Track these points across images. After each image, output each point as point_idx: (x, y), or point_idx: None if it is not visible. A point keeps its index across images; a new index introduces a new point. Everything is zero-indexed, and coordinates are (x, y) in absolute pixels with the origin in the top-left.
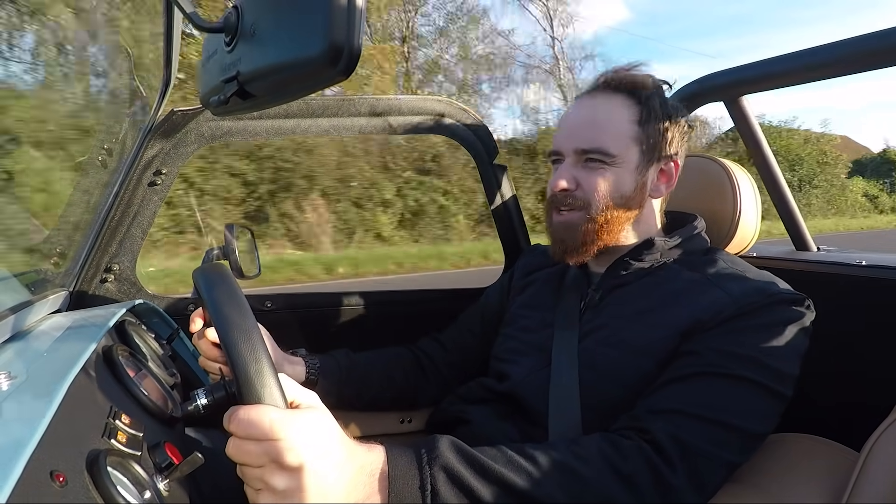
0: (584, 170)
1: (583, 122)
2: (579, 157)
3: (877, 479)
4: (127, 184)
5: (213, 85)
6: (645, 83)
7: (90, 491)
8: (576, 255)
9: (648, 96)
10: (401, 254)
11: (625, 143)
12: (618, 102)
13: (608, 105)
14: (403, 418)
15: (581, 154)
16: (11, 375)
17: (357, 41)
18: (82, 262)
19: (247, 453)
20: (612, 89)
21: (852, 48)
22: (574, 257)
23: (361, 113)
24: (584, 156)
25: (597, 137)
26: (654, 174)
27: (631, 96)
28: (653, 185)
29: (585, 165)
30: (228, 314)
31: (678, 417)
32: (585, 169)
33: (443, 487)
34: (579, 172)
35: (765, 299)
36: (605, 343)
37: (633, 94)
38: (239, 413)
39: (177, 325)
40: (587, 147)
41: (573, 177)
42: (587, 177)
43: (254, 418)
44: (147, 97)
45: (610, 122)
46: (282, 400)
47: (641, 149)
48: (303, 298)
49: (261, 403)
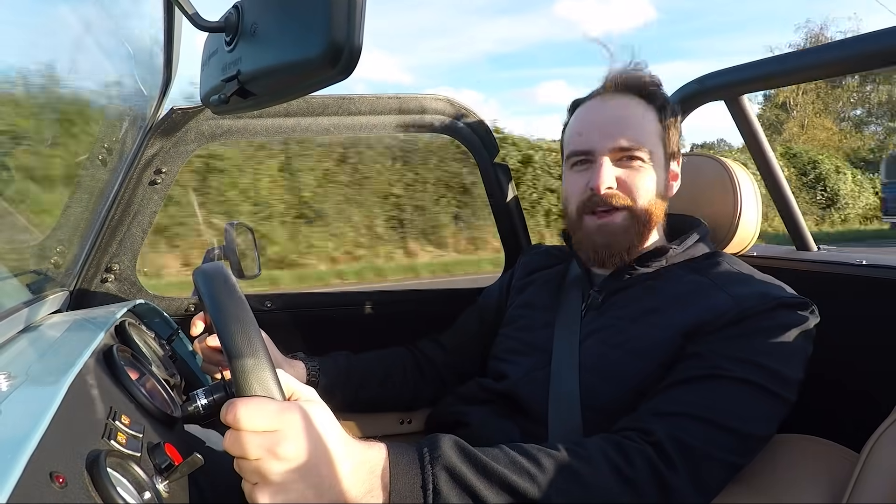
0: (624, 168)
1: (615, 121)
2: (617, 155)
3: (877, 479)
4: (127, 183)
5: (214, 84)
6: (655, 83)
7: (90, 492)
8: (617, 258)
9: (662, 96)
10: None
11: (654, 140)
12: (641, 102)
13: (633, 105)
14: (403, 419)
15: (619, 152)
16: (11, 376)
17: (357, 40)
18: (82, 262)
19: (243, 445)
20: (628, 90)
21: (852, 48)
22: (613, 261)
23: (362, 112)
24: (623, 154)
25: (635, 135)
26: (670, 173)
27: (649, 96)
28: (668, 184)
29: (625, 164)
30: (226, 309)
31: (681, 420)
32: (625, 167)
33: (445, 487)
34: (618, 171)
35: (768, 303)
36: (606, 344)
37: (648, 94)
38: (235, 404)
39: (177, 326)
40: (627, 145)
41: (614, 176)
42: (629, 175)
43: (251, 409)
44: (147, 96)
45: (641, 120)
46: (279, 392)
47: (664, 147)
48: (303, 298)
49: (257, 395)
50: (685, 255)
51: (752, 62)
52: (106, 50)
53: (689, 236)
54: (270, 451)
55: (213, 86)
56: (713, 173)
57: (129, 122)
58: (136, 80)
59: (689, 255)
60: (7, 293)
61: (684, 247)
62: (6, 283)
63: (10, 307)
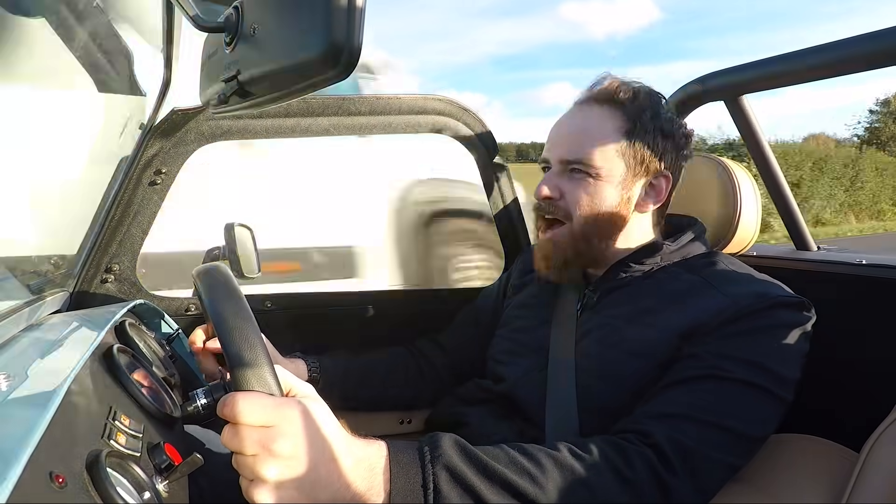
0: (569, 180)
1: (570, 132)
2: (564, 167)
3: (876, 479)
4: (127, 183)
5: (214, 84)
6: (637, 96)
7: (89, 492)
8: (557, 273)
9: (639, 110)
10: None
11: (609, 156)
12: (606, 115)
13: (596, 117)
14: (403, 419)
15: (566, 164)
16: (11, 376)
17: (357, 41)
18: (82, 262)
19: (240, 441)
20: (602, 101)
21: (853, 48)
22: (556, 275)
23: (362, 112)
24: (569, 166)
25: (581, 149)
26: (641, 189)
27: (620, 109)
28: (639, 200)
29: (570, 176)
30: (225, 307)
31: (679, 421)
32: (570, 180)
33: (445, 486)
34: (563, 182)
35: (765, 302)
36: (602, 343)
37: (623, 107)
38: (233, 399)
39: (177, 326)
40: (571, 158)
41: (556, 186)
42: (570, 188)
43: (248, 403)
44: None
45: (596, 134)
46: (276, 387)
47: (627, 163)
48: (303, 298)
49: (255, 391)
50: (680, 253)
51: (753, 62)
52: (106, 49)
53: (683, 234)
54: (267, 447)
55: (213, 86)
56: (713, 173)
57: (129, 122)
58: (137, 80)
59: (684, 254)
60: (7, 293)
61: (679, 244)
62: (6, 282)
63: (11, 307)
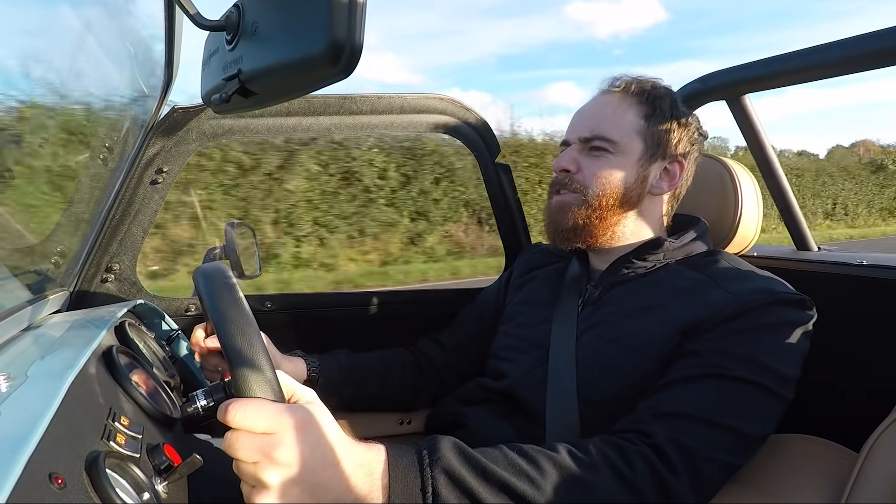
0: (588, 157)
1: (587, 113)
2: (584, 145)
3: (876, 479)
4: (128, 182)
5: (215, 83)
6: (655, 87)
7: (89, 493)
8: (565, 237)
9: (657, 98)
10: None
11: (627, 133)
12: (627, 100)
13: (617, 101)
14: (402, 419)
15: (585, 142)
16: (11, 376)
17: (358, 39)
18: (83, 262)
19: (240, 447)
20: (622, 89)
21: (854, 47)
22: (564, 241)
23: (363, 111)
24: (588, 144)
25: (599, 125)
26: (657, 171)
27: (640, 95)
28: (654, 182)
29: (589, 153)
30: (226, 309)
31: (680, 420)
32: (588, 156)
33: (444, 489)
34: (582, 158)
35: (766, 299)
36: (602, 339)
37: (643, 93)
38: (233, 404)
39: (177, 326)
40: (590, 135)
41: (575, 160)
42: (589, 162)
43: (248, 410)
44: (148, 95)
45: (615, 113)
46: (278, 393)
47: (646, 142)
48: (302, 299)
49: (256, 396)
50: (683, 251)
51: (755, 61)
52: (107, 49)
53: (686, 232)
54: (268, 454)
55: (214, 85)
56: (714, 173)
57: (131, 121)
58: (138, 79)
59: (686, 251)
60: (7, 293)
61: (681, 242)
62: (6, 282)
63: (11, 307)
